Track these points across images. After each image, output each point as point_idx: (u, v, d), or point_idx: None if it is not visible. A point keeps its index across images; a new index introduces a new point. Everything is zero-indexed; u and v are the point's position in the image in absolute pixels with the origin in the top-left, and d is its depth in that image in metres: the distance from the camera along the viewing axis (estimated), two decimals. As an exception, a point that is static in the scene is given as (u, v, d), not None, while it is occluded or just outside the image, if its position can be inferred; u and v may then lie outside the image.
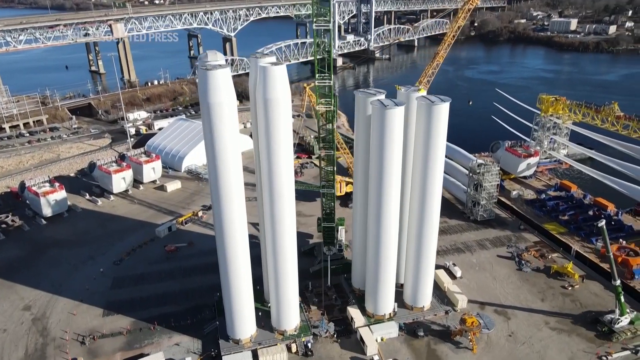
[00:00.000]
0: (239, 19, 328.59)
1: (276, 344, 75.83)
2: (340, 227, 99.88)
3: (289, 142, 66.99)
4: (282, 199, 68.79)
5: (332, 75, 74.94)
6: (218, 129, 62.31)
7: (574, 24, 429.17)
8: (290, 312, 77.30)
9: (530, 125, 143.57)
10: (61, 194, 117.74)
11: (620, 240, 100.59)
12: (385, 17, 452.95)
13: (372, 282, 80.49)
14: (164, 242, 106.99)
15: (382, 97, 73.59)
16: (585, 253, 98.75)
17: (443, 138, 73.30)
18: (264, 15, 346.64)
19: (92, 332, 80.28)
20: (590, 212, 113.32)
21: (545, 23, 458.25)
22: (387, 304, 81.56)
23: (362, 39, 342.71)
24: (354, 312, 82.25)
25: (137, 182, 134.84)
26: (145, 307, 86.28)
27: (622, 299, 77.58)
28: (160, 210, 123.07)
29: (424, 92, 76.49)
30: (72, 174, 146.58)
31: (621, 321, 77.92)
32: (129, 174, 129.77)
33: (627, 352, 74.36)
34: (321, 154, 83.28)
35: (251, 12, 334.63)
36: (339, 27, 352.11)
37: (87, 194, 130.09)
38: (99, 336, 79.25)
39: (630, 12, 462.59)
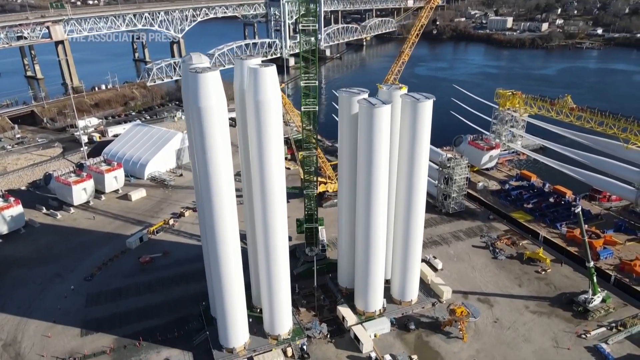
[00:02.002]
0: (186, 20, 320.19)
1: (271, 350, 74.70)
2: (320, 227, 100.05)
3: (280, 143, 66.13)
4: (275, 201, 67.77)
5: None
6: (209, 133, 60.18)
7: (509, 22, 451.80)
8: (283, 316, 76.33)
9: (488, 119, 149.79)
10: (17, 209, 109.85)
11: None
12: (332, 16, 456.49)
13: (361, 280, 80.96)
14: (137, 254, 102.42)
15: (365, 95, 74.22)
16: (552, 238, 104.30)
17: (428, 134, 75.06)
18: (211, 16, 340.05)
19: (72, 354, 75.50)
20: (551, 199, 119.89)
21: (484, 21, 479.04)
22: (377, 300, 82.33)
23: (312, 38, 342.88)
24: (344, 311, 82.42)
25: (98, 192, 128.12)
26: (126, 322, 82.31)
27: (595, 280, 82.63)
28: (127, 220, 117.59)
29: (405, 90, 77.81)
30: (23, 187, 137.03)
31: (594, 300, 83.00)
32: (90, 184, 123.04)
33: (603, 329, 79.23)
34: (303, 154, 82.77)
35: (198, 12, 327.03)
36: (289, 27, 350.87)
37: (44, 208, 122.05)
38: (80, 357, 74.73)
39: (559, 10, 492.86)
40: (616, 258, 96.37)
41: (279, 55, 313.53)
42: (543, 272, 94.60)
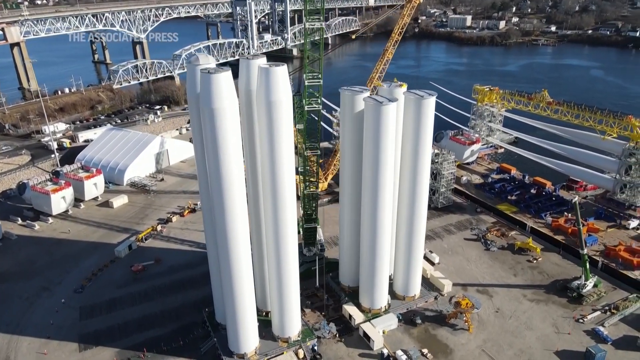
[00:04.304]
0: (149, 20, 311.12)
1: (283, 353, 73.86)
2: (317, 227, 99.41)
3: (291, 144, 65.27)
4: (286, 202, 66.80)
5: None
6: (222, 134, 58.73)
7: (469, 20, 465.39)
8: (293, 318, 75.41)
9: (465, 114, 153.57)
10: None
11: (565, 213, 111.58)
12: (296, 15, 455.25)
13: (367, 278, 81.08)
14: (128, 262, 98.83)
15: (367, 93, 74.50)
16: (539, 228, 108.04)
17: (431, 131, 76.19)
18: (174, 16, 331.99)
19: (72, 370, 72.15)
20: (533, 191, 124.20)
21: (444, 20, 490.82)
22: (382, 297, 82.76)
23: (279, 37, 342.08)
24: (350, 309, 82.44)
25: (76, 200, 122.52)
26: (127, 334, 79.27)
27: (588, 266, 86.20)
28: (111, 228, 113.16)
29: (405, 88, 78.72)
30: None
31: (587, 286, 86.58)
32: (69, 193, 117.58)
33: (598, 313, 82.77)
34: (305, 154, 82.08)
35: (161, 12, 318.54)
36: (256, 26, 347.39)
37: (20, 219, 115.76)
38: (82, 373, 71.47)
39: (514, 9, 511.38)
40: (601, 244, 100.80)
41: (246, 55, 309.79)
42: (535, 261, 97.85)
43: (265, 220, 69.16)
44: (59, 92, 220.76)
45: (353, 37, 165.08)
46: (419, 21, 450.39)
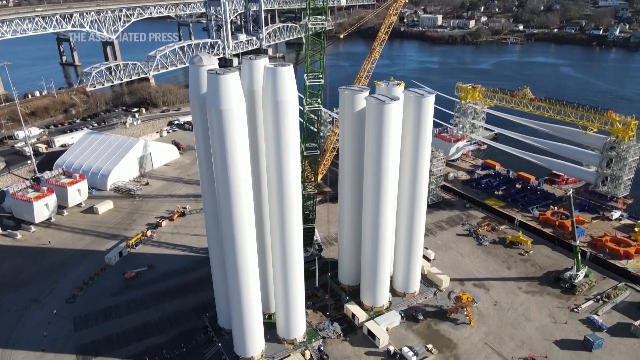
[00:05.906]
0: (119, 20, 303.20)
1: (290, 355, 73.30)
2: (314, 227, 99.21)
3: (297, 144, 64.84)
4: (292, 203, 66.38)
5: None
6: (230, 136, 57.87)
7: (439, 19, 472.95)
8: (298, 320, 75.01)
9: (447, 111, 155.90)
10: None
11: (552, 207, 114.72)
12: (269, 15, 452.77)
13: (369, 277, 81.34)
14: (119, 269, 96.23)
15: (367, 93, 74.70)
16: (527, 222, 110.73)
17: (430, 128, 77.08)
18: (146, 16, 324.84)
19: (73, 383, 69.72)
20: (518, 185, 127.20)
21: (415, 19, 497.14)
22: (384, 295, 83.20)
23: (254, 38, 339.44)
24: (353, 308, 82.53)
25: (59, 207, 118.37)
26: (126, 343, 77.32)
27: (579, 257, 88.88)
28: (98, 235, 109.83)
29: (403, 86, 79.37)
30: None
31: (579, 276, 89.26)
32: (52, 200, 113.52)
33: (591, 302, 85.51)
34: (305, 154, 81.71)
35: (132, 12, 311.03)
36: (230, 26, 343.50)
37: (0, 228, 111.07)
38: (84, 386, 69.16)
39: (482, 8, 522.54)
40: (587, 236, 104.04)
41: (221, 56, 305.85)
42: (526, 254, 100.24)
43: (271, 221, 68.48)
44: (29, 96, 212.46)
45: (341, 36, 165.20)
46: (405, 20, 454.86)
